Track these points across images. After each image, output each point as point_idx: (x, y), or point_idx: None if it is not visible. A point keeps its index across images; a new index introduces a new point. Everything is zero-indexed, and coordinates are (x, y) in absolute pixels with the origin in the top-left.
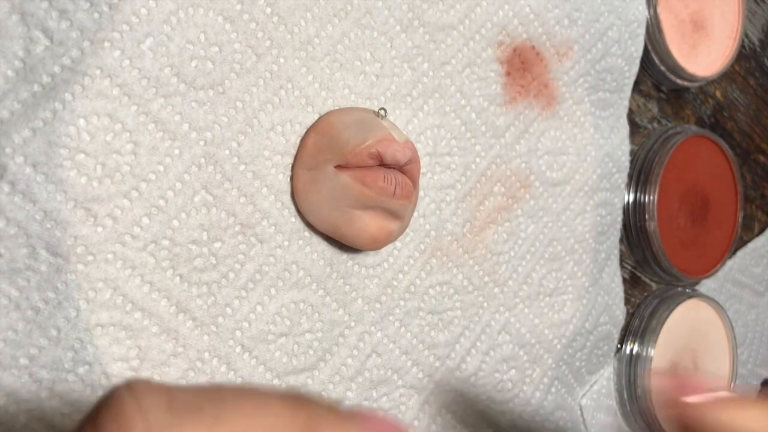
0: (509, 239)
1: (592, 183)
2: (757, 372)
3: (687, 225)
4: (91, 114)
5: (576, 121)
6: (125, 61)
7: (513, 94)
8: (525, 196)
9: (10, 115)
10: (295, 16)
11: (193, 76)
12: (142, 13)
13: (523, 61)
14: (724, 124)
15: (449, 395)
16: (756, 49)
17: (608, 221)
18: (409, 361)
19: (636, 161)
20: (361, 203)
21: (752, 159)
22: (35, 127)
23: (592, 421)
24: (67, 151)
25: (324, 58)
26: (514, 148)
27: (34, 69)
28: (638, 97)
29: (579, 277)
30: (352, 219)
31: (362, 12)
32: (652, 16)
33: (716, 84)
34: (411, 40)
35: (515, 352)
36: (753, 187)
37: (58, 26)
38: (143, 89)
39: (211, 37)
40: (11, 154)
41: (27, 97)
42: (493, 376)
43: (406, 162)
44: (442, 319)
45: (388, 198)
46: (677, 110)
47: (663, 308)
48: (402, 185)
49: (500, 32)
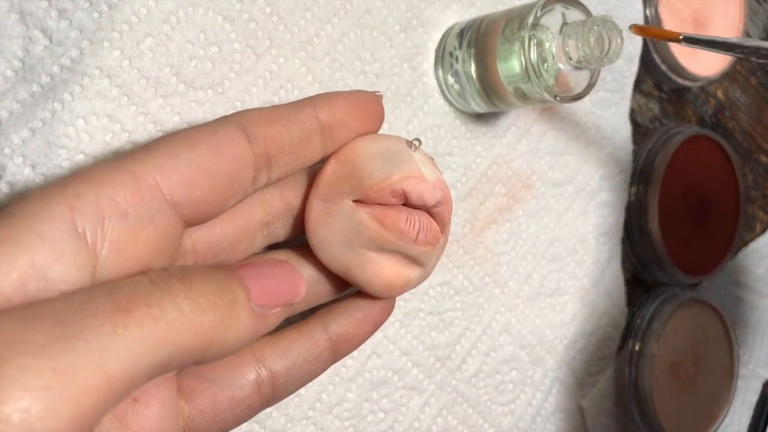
0: (510, 239)
1: (594, 183)
2: (758, 373)
3: (688, 225)
4: (91, 114)
5: (577, 121)
6: (125, 61)
7: None
8: (526, 196)
9: (9, 115)
10: (294, 16)
11: (193, 76)
12: (141, 13)
13: None
14: (725, 124)
15: (450, 396)
16: None
17: (610, 221)
18: (410, 362)
19: (637, 161)
20: (377, 245)
21: (754, 159)
22: (34, 127)
23: (593, 423)
24: (66, 152)
25: (324, 57)
26: (515, 147)
27: (33, 69)
28: (639, 97)
29: (580, 278)
30: (365, 262)
31: (362, 11)
32: (653, 15)
33: (717, 84)
34: (410, 40)
35: (516, 353)
36: (754, 187)
37: (57, 26)
38: (142, 89)
39: (211, 37)
40: (10, 155)
41: (26, 97)
42: (494, 377)
43: (434, 204)
44: (442, 320)
45: (408, 243)
46: (678, 110)
47: (664, 309)
48: (427, 230)
49: None
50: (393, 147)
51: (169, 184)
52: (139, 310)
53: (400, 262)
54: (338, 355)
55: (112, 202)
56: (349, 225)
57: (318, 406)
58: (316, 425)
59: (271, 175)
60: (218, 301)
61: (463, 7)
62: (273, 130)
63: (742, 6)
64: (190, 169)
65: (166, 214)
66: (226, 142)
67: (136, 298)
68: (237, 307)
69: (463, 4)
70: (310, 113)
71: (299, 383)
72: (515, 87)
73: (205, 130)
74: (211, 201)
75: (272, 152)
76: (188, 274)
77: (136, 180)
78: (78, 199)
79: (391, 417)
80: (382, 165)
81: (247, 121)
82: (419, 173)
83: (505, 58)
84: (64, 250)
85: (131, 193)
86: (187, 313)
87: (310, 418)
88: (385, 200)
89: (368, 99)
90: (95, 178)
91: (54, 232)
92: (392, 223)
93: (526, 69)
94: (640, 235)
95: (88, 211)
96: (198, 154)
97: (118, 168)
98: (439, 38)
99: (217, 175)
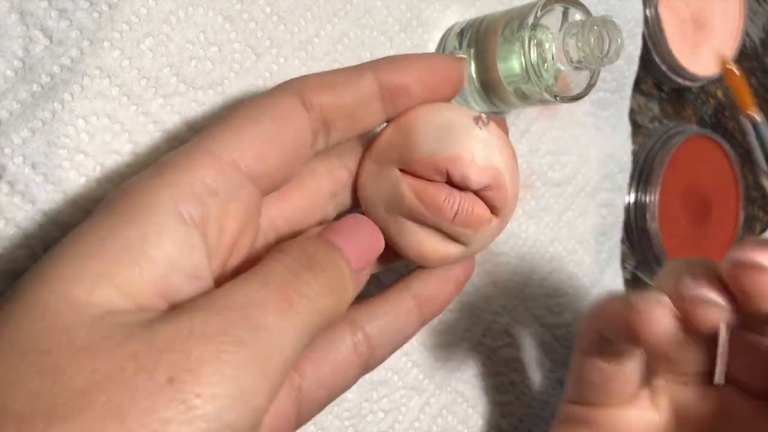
0: (510, 240)
1: (594, 183)
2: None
3: (688, 225)
4: (91, 114)
5: (577, 120)
6: (125, 61)
7: None
8: (526, 196)
9: (9, 115)
10: (294, 16)
11: (193, 75)
12: (141, 13)
13: None
14: (725, 124)
15: (450, 396)
16: (757, 48)
17: (610, 222)
18: (410, 362)
19: (637, 161)
20: (413, 217)
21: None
22: (34, 127)
23: None
24: (66, 152)
25: (324, 57)
26: (515, 147)
27: (33, 69)
28: (639, 97)
29: (580, 278)
30: (403, 230)
31: (362, 11)
32: (653, 15)
33: (717, 83)
34: (410, 40)
35: (517, 353)
36: (754, 187)
37: (57, 26)
38: (142, 89)
39: (211, 37)
40: (10, 155)
41: (26, 97)
42: (495, 377)
43: (479, 188)
44: (442, 320)
45: (445, 221)
46: (678, 110)
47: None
48: (466, 213)
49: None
50: (455, 121)
51: (245, 159)
52: (294, 299)
53: (439, 238)
54: (426, 315)
55: (202, 183)
56: (392, 192)
57: None
58: (316, 425)
59: (329, 139)
60: (336, 283)
61: (463, 7)
62: (329, 97)
63: (742, 6)
64: (260, 143)
65: (247, 188)
66: (286, 112)
67: (289, 288)
68: (346, 282)
69: (463, 4)
70: (369, 78)
71: (394, 344)
72: (515, 87)
73: (264, 103)
74: (282, 169)
75: (329, 118)
76: (312, 260)
77: (217, 159)
78: (173, 188)
79: (391, 417)
80: (435, 140)
81: (303, 88)
82: (470, 154)
83: (505, 58)
84: (184, 239)
85: (216, 172)
86: (320, 297)
87: None
88: (428, 175)
89: (445, 64)
90: (183, 163)
91: (170, 224)
92: (430, 198)
93: (526, 69)
94: (639, 235)
95: (187, 196)
96: (264, 127)
97: (201, 150)
98: (439, 38)
99: (283, 144)
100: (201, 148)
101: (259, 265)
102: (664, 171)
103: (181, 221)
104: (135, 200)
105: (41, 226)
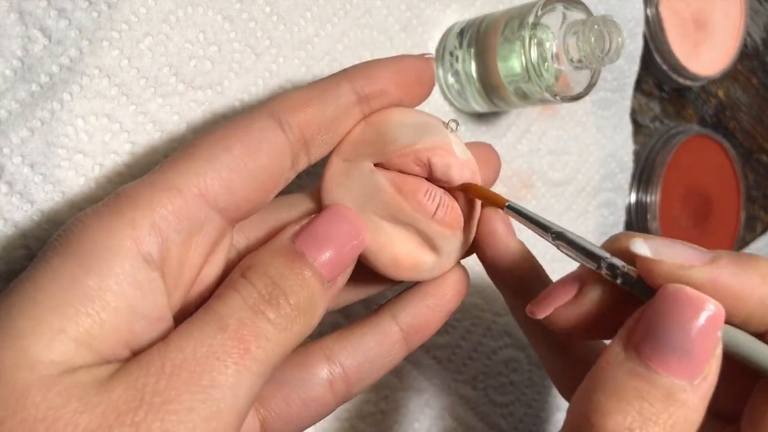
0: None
1: (595, 183)
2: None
3: (689, 225)
4: (90, 114)
5: (578, 120)
6: (124, 61)
7: None
8: (527, 196)
9: (8, 114)
10: (294, 15)
11: (192, 75)
12: (140, 12)
13: None
14: (726, 124)
15: (450, 398)
16: (758, 48)
17: (611, 222)
18: (409, 363)
19: (638, 161)
20: (391, 214)
21: (755, 159)
22: (33, 127)
23: None
24: (65, 151)
25: (324, 57)
26: (515, 147)
27: (32, 68)
28: (640, 97)
29: None
30: (376, 231)
31: (361, 11)
32: (654, 14)
33: (718, 83)
34: (410, 39)
35: (517, 354)
36: (755, 187)
37: (56, 25)
38: (141, 89)
39: (210, 37)
40: (9, 154)
41: (25, 97)
42: (495, 378)
43: (461, 183)
44: None
45: (424, 217)
46: (679, 110)
47: None
48: (448, 208)
49: None
50: (427, 121)
51: (212, 191)
52: (251, 344)
53: (414, 242)
54: (412, 345)
55: (165, 221)
56: (366, 188)
57: None
58: (315, 426)
59: (310, 157)
60: (304, 306)
61: (463, 6)
62: (307, 114)
63: (742, 6)
64: (230, 173)
65: (214, 221)
66: (260, 136)
67: (245, 330)
68: (316, 304)
69: (463, 3)
70: (346, 88)
71: (373, 377)
72: (515, 87)
73: (237, 127)
74: (255, 197)
75: (308, 136)
76: (276, 288)
77: (181, 194)
78: (135, 229)
79: (391, 417)
80: (412, 133)
81: (279, 109)
82: (449, 146)
83: (505, 57)
84: (145, 283)
85: (179, 208)
86: (283, 331)
87: None
88: (407, 168)
89: (414, 65)
90: (145, 201)
91: (131, 269)
92: (410, 191)
93: (526, 68)
94: None
95: (148, 237)
96: (234, 155)
97: (163, 184)
98: (439, 38)
99: (256, 172)
100: (165, 183)
101: (219, 298)
102: (665, 171)
103: (142, 265)
104: (94, 243)
105: (40, 226)
